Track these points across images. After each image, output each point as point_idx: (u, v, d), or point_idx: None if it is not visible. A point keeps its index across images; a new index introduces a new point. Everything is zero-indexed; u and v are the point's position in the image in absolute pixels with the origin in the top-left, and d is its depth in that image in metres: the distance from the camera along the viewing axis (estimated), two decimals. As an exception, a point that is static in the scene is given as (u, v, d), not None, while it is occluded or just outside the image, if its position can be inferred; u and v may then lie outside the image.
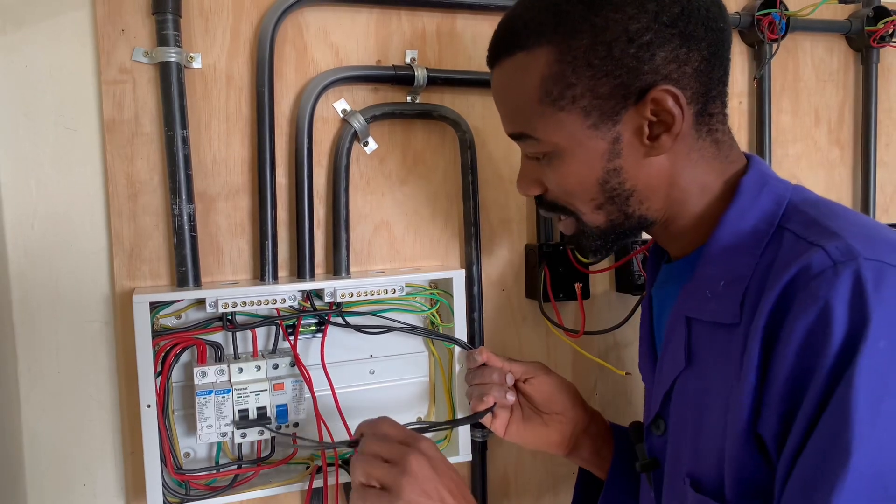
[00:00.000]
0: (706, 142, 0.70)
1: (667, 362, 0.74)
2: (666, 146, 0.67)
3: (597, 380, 1.15)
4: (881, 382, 0.52)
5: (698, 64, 0.66)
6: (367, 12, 0.99)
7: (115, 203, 0.89)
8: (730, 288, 0.65)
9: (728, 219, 0.68)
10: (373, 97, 1.00)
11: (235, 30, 0.93)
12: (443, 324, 1.01)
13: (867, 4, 1.23)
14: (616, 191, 0.70)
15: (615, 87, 0.65)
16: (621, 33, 0.64)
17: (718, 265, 0.68)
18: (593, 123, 0.67)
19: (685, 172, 0.70)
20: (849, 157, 1.29)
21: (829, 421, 0.54)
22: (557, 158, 0.71)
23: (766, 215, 0.67)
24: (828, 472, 0.53)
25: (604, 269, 1.09)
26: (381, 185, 1.01)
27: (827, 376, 0.54)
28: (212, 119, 0.93)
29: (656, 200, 0.71)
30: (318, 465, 0.94)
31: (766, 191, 0.68)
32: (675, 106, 0.65)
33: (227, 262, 0.95)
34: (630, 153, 0.68)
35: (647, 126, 0.67)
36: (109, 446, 0.92)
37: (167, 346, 0.88)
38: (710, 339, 0.68)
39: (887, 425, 0.52)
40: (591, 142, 0.68)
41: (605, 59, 0.65)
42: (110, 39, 0.88)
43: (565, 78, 0.66)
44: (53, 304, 0.89)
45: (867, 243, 0.57)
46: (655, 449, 0.78)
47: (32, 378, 0.89)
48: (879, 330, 0.53)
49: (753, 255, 0.65)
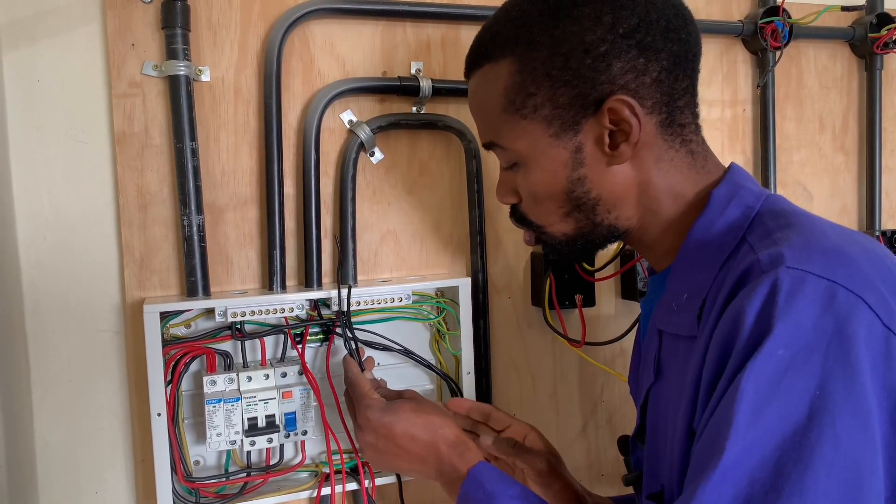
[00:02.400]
0: (679, 152, 0.70)
1: (643, 375, 0.75)
2: (626, 155, 0.68)
3: (603, 386, 1.15)
4: (771, 387, 0.52)
5: (658, 74, 0.66)
6: (373, 24, 1.00)
7: (126, 214, 0.91)
8: (691, 300, 0.66)
9: (695, 230, 0.68)
10: (379, 108, 1.01)
11: (243, 43, 0.94)
12: (449, 332, 1.02)
13: (870, 11, 1.24)
14: (581, 199, 0.71)
15: (574, 96, 0.67)
16: (577, 44, 0.65)
17: (683, 277, 0.68)
18: (555, 133, 0.69)
19: (655, 182, 0.70)
20: (854, 164, 1.29)
21: (717, 418, 0.55)
22: (524, 167, 0.72)
23: (733, 227, 0.66)
24: (704, 464, 0.53)
25: (608, 277, 1.10)
26: (387, 195, 1.02)
27: (727, 378, 0.55)
28: (220, 131, 0.94)
29: (626, 209, 0.71)
30: (327, 472, 0.95)
31: (735, 202, 0.67)
32: (632, 116, 0.66)
33: (236, 271, 0.96)
34: (593, 162, 0.69)
35: (607, 135, 0.67)
36: (120, 454, 0.94)
37: (177, 355, 0.89)
38: (675, 352, 0.69)
39: (766, 427, 0.52)
40: (553, 150, 0.69)
41: (563, 70, 0.66)
42: (120, 54, 0.89)
43: (526, 88, 0.68)
44: (65, 314, 0.91)
45: (799, 252, 0.57)
46: (640, 462, 0.79)
47: (44, 387, 0.90)
48: (781, 338, 0.53)
49: (714, 267, 0.65)
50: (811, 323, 0.53)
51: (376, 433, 0.81)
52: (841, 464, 0.50)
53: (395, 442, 0.80)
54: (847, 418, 0.51)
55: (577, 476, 1.12)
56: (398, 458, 0.80)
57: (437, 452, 0.79)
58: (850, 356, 0.52)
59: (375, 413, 0.81)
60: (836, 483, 0.50)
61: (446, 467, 0.77)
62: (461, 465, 0.76)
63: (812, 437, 0.51)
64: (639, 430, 0.78)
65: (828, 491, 0.50)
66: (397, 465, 0.82)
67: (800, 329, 0.53)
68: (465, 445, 0.79)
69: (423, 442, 0.79)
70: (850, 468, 0.50)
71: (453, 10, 1.01)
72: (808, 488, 0.49)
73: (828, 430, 0.51)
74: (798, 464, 0.50)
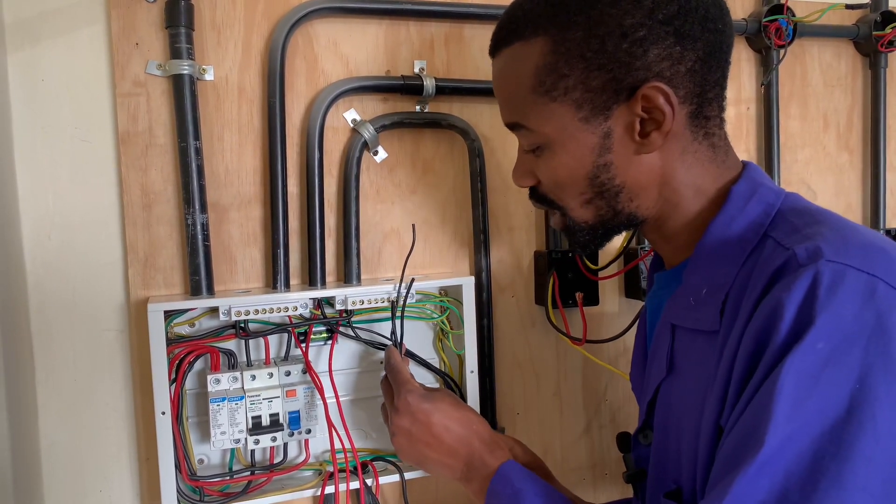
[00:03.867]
0: (702, 145, 0.70)
1: (653, 371, 0.75)
2: (656, 144, 0.67)
3: (607, 385, 1.15)
4: (810, 382, 0.52)
5: (693, 63, 0.65)
6: (377, 23, 1.00)
7: (130, 213, 0.91)
8: (711, 296, 0.66)
9: (715, 226, 0.68)
10: (382, 107, 1.01)
11: (247, 42, 0.94)
12: (452, 331, 1.02)
13: (875, 9, 1.23)
14: (605, 186, 0.70)
15: (607, 81, 0.66)
16: (615, 27, 0.64)
17: (702, 273, 0.68)
18: (584, 117, 0.67)
19: (678, 173, 0.70)
20: (858, 162, 1.28)
21: (754, 411, 0.54)
22: (549, 150, 0.71)
23: (753, 224, 0.66)
24: (740, 458, 0.53)
25: (612, 276, 1.10)
26: (390, 194, 1.02)
27: (764, 371, 0.55)
28: (224, 130, 0.94)
29: (647, 199, 0.71)
30: (331, 471, 0.95)
31: (756, 199, 0.68)
32: (666, 104, 0.65)
33: (240, 270, 0.96)
34: (620, 149, 0.68)
35: (638, 123, 0.66)
36: (125, 453, 0.94)
37: (181, 353, 0.90)
38: (690, 347, 0.69)
39: (805, 421, 0.52)
40: (581, 135, 0.68)
41: (598, 53, 0.65)
42: (125, 53, 0.90)
43: (558, 69, 0.67)
44: (69, 314, 0.91)
45: (837, 246, 0.57)
46: (642, 459, 0.79)
47: (49, 386, 0.91)
48: (821, 332, 0.53)
49: (736, 263, 0.65)
50: (852, 316, 0.53)
51: (413, 417, 0.81)
52: (881, 458, 0.50)
53: (430, 430, 0.81)
54: (887, 412, 0.51)
55: (580, 475, 1.13)
56: (429, 446, 0.81)
57: (470, 446, 0.80)
58: (890, 349, 0.52)
59: (416, 398, 0.82)
60: (875, 477, 0.50)
61: (476, 462, 0.79)
62: (492, 461, 0.77)
63: (851, 430, 0.50)
64: (643, 426, 0.78)
65: (866, 485, 0.49)
66: (425, 456, 0.82)
67: (841, 322, 0.53)
68: (496, 444, 0.80)
69: (457, 434, 0.80)
70: (890, 462, 0.50)
71: (457, 9, 1.01)
72: (846, 482, 0.49)
73: (867, 424, 0.50)
74: (836, 458, 0.50)
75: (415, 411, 0.81)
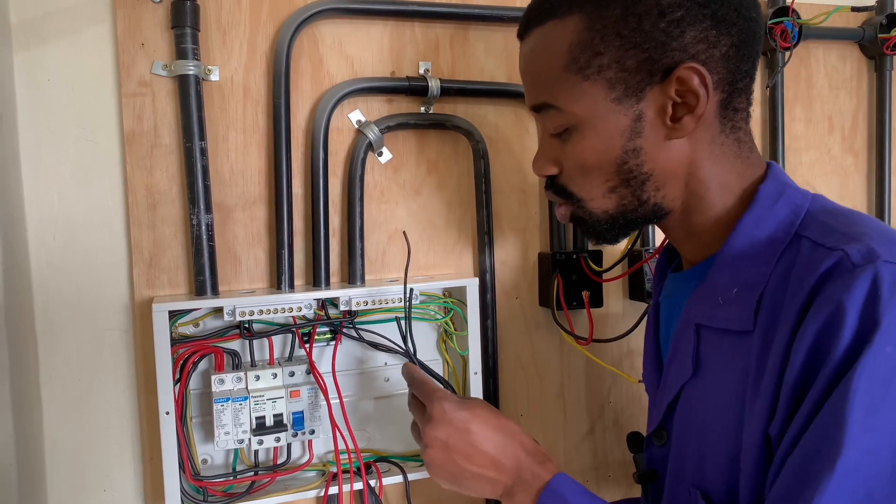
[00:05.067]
0: (729, 138, 0.69)
1: (673, 371, 0.73)
2: (688, 128, 0.66)
3: (610, 387, 1.15)
4: (882, 388, 0.52)
5: (727, 49, 0.65)
6: (382, 24, 1.00)
7: (135, 213, 0.91)
8: (743, 295, 0.64)
9: (744, 225, 0.67)
10: (387, 108, 1.01)
11: (252, 43, 0.94)
12: (456, 332, 1.02)
13: (880, 12, 1.23)
14: (633, 173, 0.68)
15: (642, 60, 0.65)
16: (653, 6, 0.64)
17: (732, 272, 0.67)
18: (617, 97, 0.66)
19: (705, 164, 0.69)
20: (863, 165, 1.28)
21: (825, 420, 0.53)
22: (577, 132, 0.69)
23: (783, 224, 0.66)
24: (816, 471, 0.52)
25: (616, 278, 1.10)
26: (395, 195, 1.02)
27: (829, 376, 0.54)
28: (229, 130, 0.94)
29: (673, 188, 0.70)
30: (334, 472, 0.95)
31: (784, 200, 0.67)
32: (701, 86, 0.64)
33: (244, 270, 0.96)
34: (651, 133, 0.67)
35: (670, 106, 0.66)
36: (128, 453, 0.94)
37: (185, 353, 0.90)
38: (718, 347, 0.68)
39: (883, 430, 0.51)
40: (613, 116, 0.67)
41: (635, 31, 0.64)
42: (130, 53, 0.90)
43: (593, 46, 0.66)
44: (74, 313, 0.91)
45: (888, 246, 0.57)
46: (654, 460, 0.78)
47: (53, 386, 0.91)
48: (888, 334, 0.52)
49: (769, 262, 0.64)
50: None
51: (451, 427, 0.73)
52: None
53: (469, 440, 0.73)
54: None
55: (584, 477, 1.13)
56: (469, 459, 0.72)
57: (517, 458, 0.72)
58: None
59: (452, 405, 0.74)
60: None
61: (527, 474, 0.72)
62: (544, 473, 0.71)
63: None
64: (659, 426, 0.76)
65: None
66: (462, 469, 0.73)
67: None
68: (544, 455, 0.74)
69: (500, 444, 0.73)
70: None
71: (462, 10, 1.01)
72: None
73: None
74: None
75: (452, 420, 0.73)
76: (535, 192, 1.09)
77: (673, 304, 0.78)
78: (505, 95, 1.05)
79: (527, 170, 1.08)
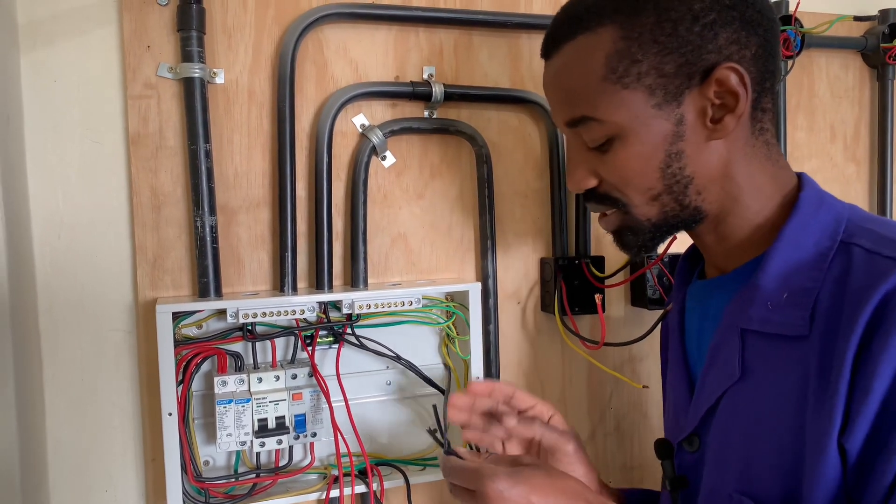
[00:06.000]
0: (759, 140, 0.70)
1: (712, 376, 0.72)
2: (729, 127, 0.67)
3: (612, 393, 1.15)
4: None
5: (756, 49, 0.67)
6: (386, 29, 1.00)
7: (139, 215, 0.91)
8: (796, 300, 0.65)
9: (790, 230, 0.68)
10: (391, 112, 1.01)
11: (257, 46, 0.95)
12: (459, 336, 1.02)
13: (883, 21, 1.24)
14: (676, 177, 0.69)
15: (680, 65, 0.66)
16: (686, 12, 0.65)
17: (782, 277, 0.67)
18: (657, 103, 0.67)
19: (740, 165, 0.70)
20: (865, 173, 1.29)
21: None
22: (619, 141, 0.69)
23: (827, 231, 0.67)
24: None
25: (619, 283, 1.10)
26: (398, 199, 1.03)
27: None
28: (234, 133, 0.95)
29: (712, 191, 0.70)
30: (335, 474, 0.95)
31: (826, 207, 0.69)
32: (740, 85, 0.65)
33: (248, 273, 0.96)
34: (693, 136, 0.68)
35: (710, 107, 0.67)
36: (131, 453, 0.94)
37: (188, 355, 0.90)
38: (768, 351, 0.67)
39: None
40: (654, 122, 0.68)
41: (671, 37, 0.65)
42: (136, 55, 0.90)
43: (631, 54, 0.67)
44: (78, 314, 0.91)
45: None
46: (685, 466, 0.77)
47: (57, 386, 0.91)
48: None
49: (820, 268, 0.65)
50: None
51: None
52: None
53: None
54: None
55: (584, 482, 1.12)
56: None
57: None
58: None
59: (504, 482, 0.66)
60: None
61: None
62: None
63: None
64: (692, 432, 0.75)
65: None
66: None
67: None
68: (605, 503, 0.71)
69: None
70: None
71: (466, 16, 1.02)
72: None
73: None
74: None
75: (510, 497, 0.66)
76: (537, 198, 1.09)
77: (707, 308, 0.77)
78: (508, 101, 1.06)
79: (529, 175, 1.08)
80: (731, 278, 0.74)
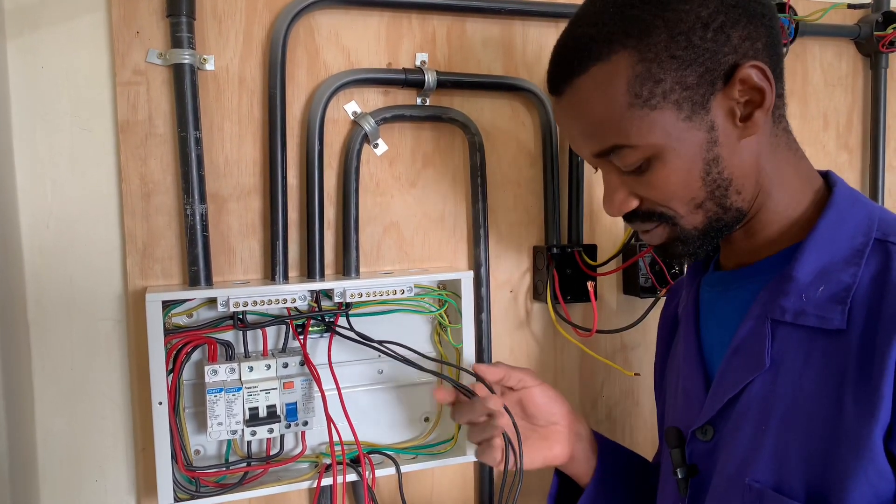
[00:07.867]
0: (779, 128, 0.71)
1: (736, 366, 0.72)
2: (759, 122, 0.67)
3: (603, 381, 1.15)
4: None
5: (766, 39, 0.67)
6: (379, 15, 1.00)
7: (129, 203, 0.91)
8: (832, 294, 0.66)
9: (825, 224, 0.69)
10: (383, 100, 1.01)
11: (248, 32, 0.94)
12: (451, 325, 1.02)
13: (876, 9, 1.24)
14: (717, 182, 0.69)
15: (701, 74, 0.66)
16: (695, 21, 0.65)
17: (818, 271, 0.67)
18: (687, 116, 0.67)
19: (769, 157, 0.71)
20: (857, 162, 1.29)
21: None
22: (658, 161, 0.69)
23: (861, 227, 0.68)
24: None
25: (611, 272, 1.10)
26: (390, 187, 1.02)
27: None
28: (224, 121, 0.94)
29: (749, 188, 0.71)
30: (327, 463, 0.95)
31: (859, 204, 0.70)
32: (763, 79, 0.66)
33: (239, 261, 0.96)
34: (726, 139, 0.68)
35: (737, 108, 0.67)
36: (121, 443, 0.94)
37: (179, 344, 0.89)
38: (799, 344, 0.68)
39: None
40: (688, 134, 0.68)
41: (687, 49, 0.65)
42: (125, 41, 0.89)
43: (652, 75, 0.66)
44: (67, 303, 0.90)
45: None
46: (696, 455, 0.77)
47: (46, 375, 0.90)
48: None
49: (856, 263, 0.66)
50: None
51: None
52: None
53: None
54: None
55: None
56: None
57: None
58: None
59: None
60: None
61: None
62: None
63: None
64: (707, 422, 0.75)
65: None
66: None
67: None
68: None
69: None
70: None
71: (459, 3, 1.01)
72: None
73: None
74: None
75: None
76: (530, 187, 1.09)
77: (728, 298, 0.77)
78: (502, 88, 1.05)
79: (522, 163, 1.08)
80: (758, 269, 0.74)
